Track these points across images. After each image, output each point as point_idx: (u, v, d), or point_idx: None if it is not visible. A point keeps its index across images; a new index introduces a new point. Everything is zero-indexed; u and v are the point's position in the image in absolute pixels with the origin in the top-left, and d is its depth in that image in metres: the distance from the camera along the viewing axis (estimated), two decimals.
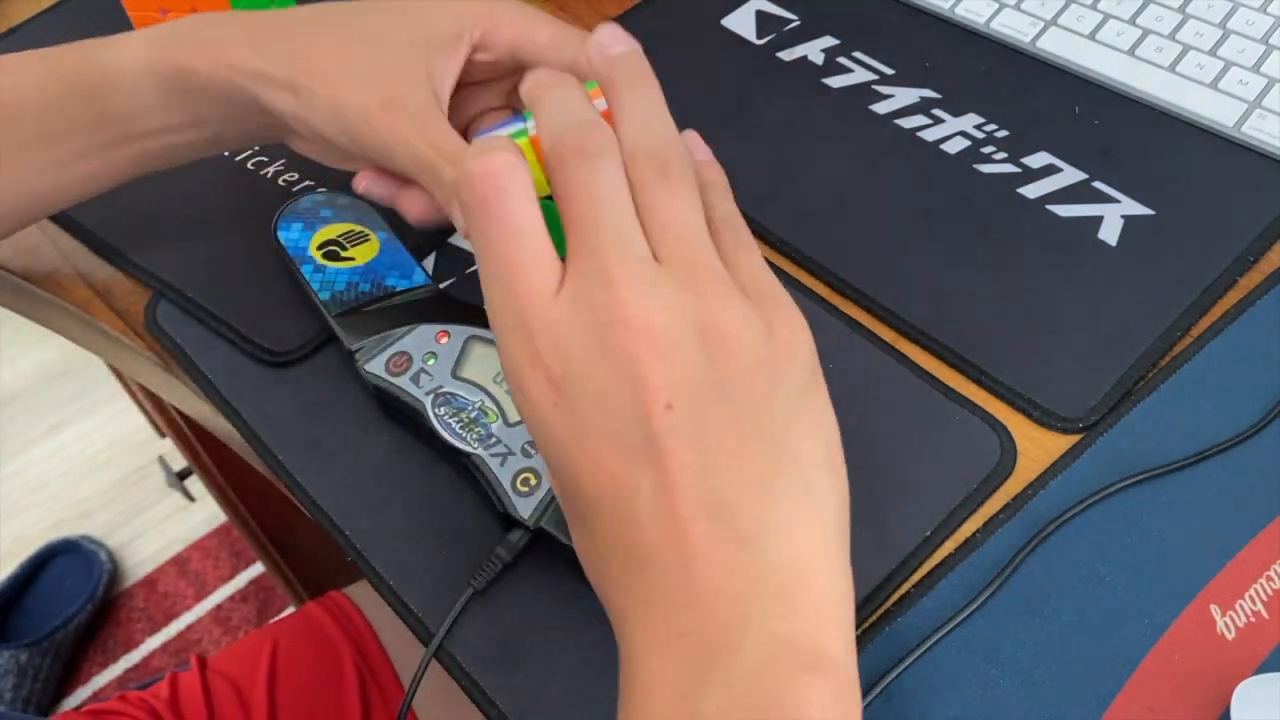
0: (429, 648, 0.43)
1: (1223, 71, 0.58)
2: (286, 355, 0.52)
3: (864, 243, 0.54)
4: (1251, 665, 0.41)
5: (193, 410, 0.57)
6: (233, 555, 1.44)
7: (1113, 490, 0.45)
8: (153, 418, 1.26)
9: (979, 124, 0.58)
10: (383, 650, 0.69)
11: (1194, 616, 0.42)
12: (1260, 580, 0.43)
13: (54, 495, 1.51)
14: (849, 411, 0.48)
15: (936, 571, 0.44)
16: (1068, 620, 0.42)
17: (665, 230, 0.32)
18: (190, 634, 1.38)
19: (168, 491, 1.48)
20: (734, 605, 0.29)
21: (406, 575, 0.46)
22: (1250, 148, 0.56)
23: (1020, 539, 0.44)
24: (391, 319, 0.50)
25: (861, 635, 0.43)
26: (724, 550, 0.29)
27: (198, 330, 0.54)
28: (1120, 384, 0.48)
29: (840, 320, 0.51)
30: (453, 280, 0.55)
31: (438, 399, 0.47)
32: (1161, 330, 0.50)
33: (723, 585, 0.29)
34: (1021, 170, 0.56)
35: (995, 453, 0.47)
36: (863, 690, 0.41)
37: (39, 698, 1.29)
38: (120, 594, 1.42)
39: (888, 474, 0.46)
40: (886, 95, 0.60)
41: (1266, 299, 0.50)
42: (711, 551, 0.29)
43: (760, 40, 0.64)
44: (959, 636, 0.42)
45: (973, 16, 0.63)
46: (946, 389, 0.49)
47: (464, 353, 0.48)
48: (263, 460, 0.50)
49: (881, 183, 0.56)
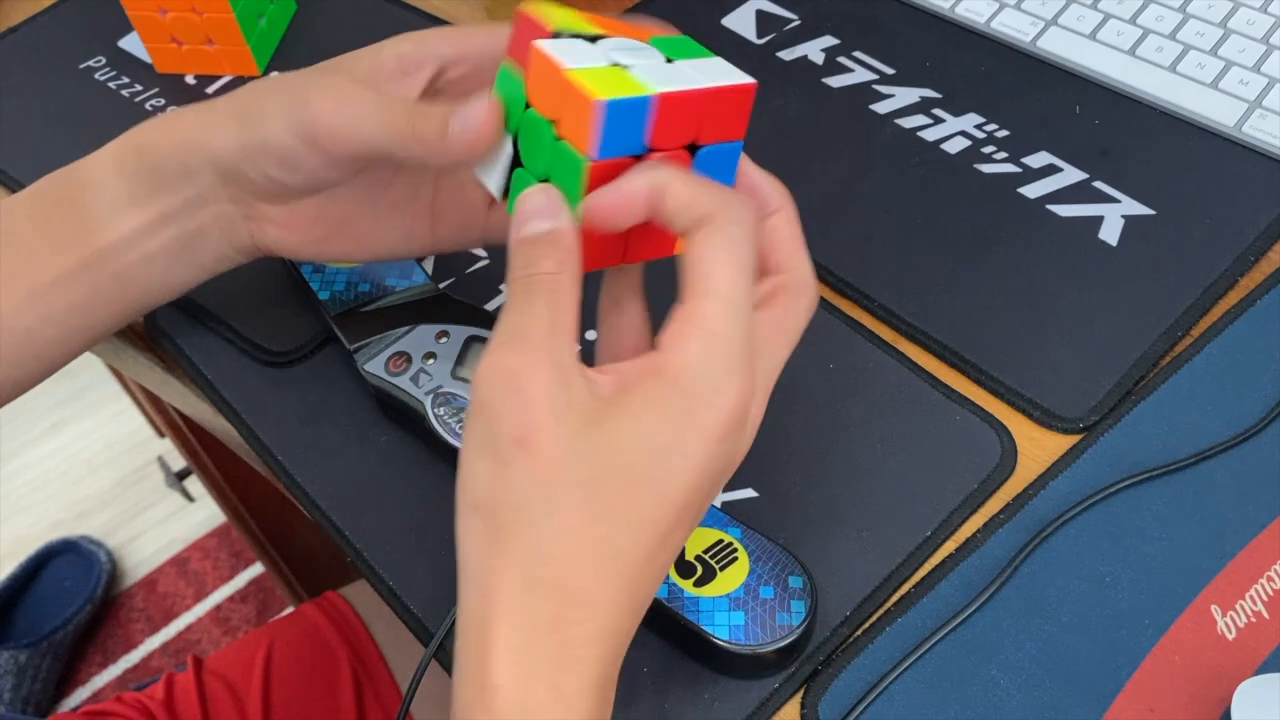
0: (429, 648, 0.43)
1: (1223, 71, 0.58)
2: (286, 355, 0.52)
3: (864, 243, 0.54)
4: (1252, 665, 0.41)
5: (192, 410, 0.57)
6: (232, 555, 1.44)
7: (1113, 490, 0.45)
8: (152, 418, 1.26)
9: (979, 124, 0.58)
10: (378, 650, 0.69)
11: (1194, 616, 0.42)
12: (1261, 580, 0.43)
13: (53, 495, 1.51)
14: (849, 411, 0.49)
15: (936, 571, 0.44)
16: (1068, 620, 0.42)
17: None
18: (190, 634, 1.38)
19: (167, 491, 1.48)
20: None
21: (406, 575, 0.46)
22: (1251, 148, 0.56)
23: (1020, 539, 0.44)
24: (391, 319, 0.50)
25: (861, 635, 0.43)
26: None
27: (198, 330, 0.54)
28: (1120, 384, 0.48)
29: (840, 320, 0.51)
30: (452, 280, 0.55)
31: (437, 399, 0.47)
32: (1161, 330, 0.50)
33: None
34: (1022, 170, 0.56)
35: (995, 453, 0.47)
36: (863, 690, 0.41)
37: (38, 698, 1.28)
38: (120, 594, 1.42)
39: (887, 474, 0.46)
40: (887, 95, 0.60)
41: (1267, 299, 0.50)
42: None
43: (760, 40, 0.64)
44: (959, 636, 0.42)
45: (973, 16, 0.63)
46: (946, 389, 0.49)
47: (464, 353, 0.48)
48: (262, 460, 0.50)
49: (881, 183, 0.56)
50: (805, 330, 0.36)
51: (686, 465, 0.32)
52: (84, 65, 0.67)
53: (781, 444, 0.47)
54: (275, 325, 0.53)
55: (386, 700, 0.67)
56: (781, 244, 0.36)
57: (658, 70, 0.34)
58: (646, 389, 0.32)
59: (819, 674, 0.42)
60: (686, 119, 0.34)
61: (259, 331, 0.53)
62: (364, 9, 0.68)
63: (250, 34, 0.64)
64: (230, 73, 0.65)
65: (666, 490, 0.32)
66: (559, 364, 0.32)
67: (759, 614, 0.41)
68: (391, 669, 0.68)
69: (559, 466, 0.31)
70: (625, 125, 0.33)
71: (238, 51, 0.64)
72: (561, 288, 0.33)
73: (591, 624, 0.32)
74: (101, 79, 0.66)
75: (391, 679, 0.68)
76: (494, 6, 0.68)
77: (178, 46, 0.64)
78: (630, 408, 0.32)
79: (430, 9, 0.68)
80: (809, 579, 0.42)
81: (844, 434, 0.48)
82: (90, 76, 0.66)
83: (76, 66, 0.67)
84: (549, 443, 0.31)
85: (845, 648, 0.42)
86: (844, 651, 0.42)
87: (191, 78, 0.66)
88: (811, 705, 0.41)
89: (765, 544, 0.42)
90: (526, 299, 0.33)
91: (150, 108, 0.64)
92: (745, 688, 0.42)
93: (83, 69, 0.67)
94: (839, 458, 0.47)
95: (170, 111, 0.45)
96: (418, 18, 0.67)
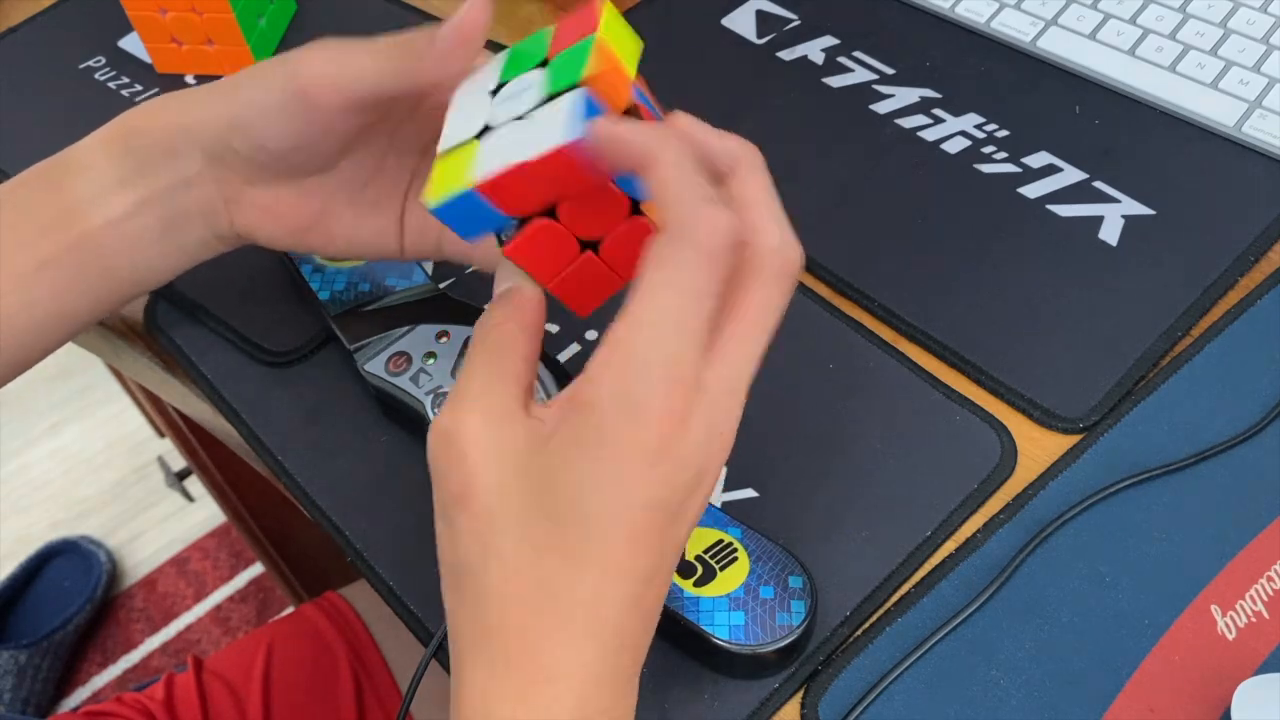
0: (429, 648, 0.43)
1: (1223, 71, 0.58)
2: (286, 355, 0.52)
3: (864, 243, 0.54)
4: (1252, 665, 0.41)
5: (192, 410, 0.57)
6: (232, 555, 1.44)
7: (1113, 490, 0.45)
8: (152, 418, 1.26)
9: (979, 123, 0.58)
10: (378, 650, 0.69)
11: (1194, 617, 0.42)
12: (1261, 580, 0.43)
13: (53, 495, 1.51)
14: (849, 411, 0.49)
15: (936, 571, 0.44)
16: (1068, 620, 0.42)
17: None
18: (189, 634, 1.38)
19: (167, 492, 1.48)
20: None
21: (406, 575, 0.46)
22: (1251, 148, 0.56)
23: (1020, 539, 0.44)
24: (391, 319, 0.50)
25: (862, 635, 0.43)
26: None
27: (198, 330, 0.54)
28: (1120, 384, 0.48)
29: (840, 320, 0.51)
30: (452, 280, 0.55)
31: (438, 399, 0.47)
32: (1161, 330, 0.50)
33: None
34: (1022, 170, 0.56)
35: (995, 453, 0.47)
36: (863, 690, 0.41)
37: (38, 698, 1.28)
38: (119, 594, 1.42)
39: (888, 473, 0.46)
40: (887, 95, 0.60)
41: (1267, 299, 0.50)
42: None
43: (760, 40, 0.64)
44: (959, 636, 0.42)
45: (973, 16, 0.63)
46: (946, 389, 0.49)
47: (464, 353, 0.48)
48: (262, 460, 0.50)
49: (881, 183, 0.56)
50: (805, 330, 0.35)
51: (612, 501, 0.31)
52: (84, 65, 0.67)
53: (781, 444, 0.47)
54: (275, 325, 0.53)
55: (386, 700, 0.67)
56: (741, 209, 0.33)
57: (506, 135, 0.34)
58: (568, 424, 0.32)
59: (819, 674, 0.42)
60: (528, 189, 0.34)
61: (259, 331, 0.53)
62: (364, 9, 0.68)
63: (250, 34, 0.64)
64: (230, 73, 0.65)
65: (597, 527, 0.32)
66: (491, 414, 0.33)
67: (759, 614, 0.41)
68: (391, 669, 0.68)
69: (494, 515, 0.32)
70: (466, 214, 0.34)
71: (238, 51, 0.64)
72: (506, 334, 0.34)
73: (542, 661, 0.32)
74: (101, 79, 0.66)
75: (391, 679, 0.68)
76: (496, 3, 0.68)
77: (178, 46, 0.64)
78: (555, 447, 0.32)
79: (430, 9, 0.68)
80: (809, 579, 0.42)
81: (844, 434, 0.48)
82: (90, 76, 0.66)
83: (76, 66, 0.67)
84: (483, 493, 0.32)
85: (845, 648, 0.42)
86: (844, 651, 0.42)
87: (191, 78, 0.66)
88: (811, 705, 0.41)
89: (765, 544, 0.42)
90: (471, 356, 0.35)
91: None
92: (745, 688, 0.42)
93: (83, 69, 0.67)
94: (839, 458, 0.47)
95: (161, 96, 0.45)
96: (418, 18, 0.67)
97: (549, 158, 0.32)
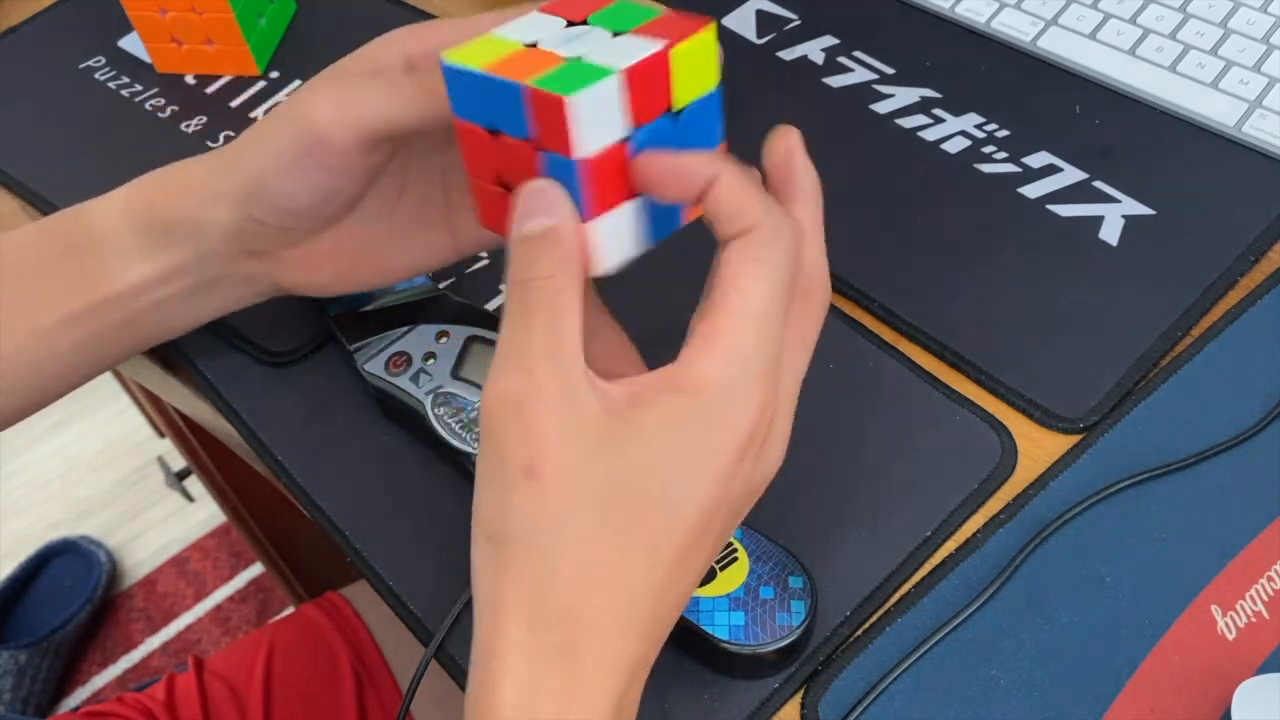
0: (429, 648, 0.43)
1: (1223, 71, 0.58)
2: (286, 355, 0.52)
3: (864, 243, 0.54)
4: (1252, 665, 0.41)
5: (192, 410, 0.57)
6: (232, 555, 1.44)
7: (1113, 490, 0.45)
8: (152, 418, 1.26)
9: (979, 123, 0.58)
10: (379, 651, 0.69)
11: (1195, 617, 0.42)
12: (1261, 580, 0.43)
13: (53, 495, 1.51)
14: (849, 411, 0.49)
15: (936, 571, 0.44)
16: (1068, 620, 0.42)
17: None
18: (189, 634, 1.38)
19: (167, 492, 1.48)
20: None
21: (406, 575, 0.46)
22: (1251, 148, 0.56)
23: (1020, 539, 0.44)
24: (391, 319, 0.50)
25: (862, 635, 0.43)
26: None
27: (198, 330, 0.54)
28: (1120, 384, 0.48)
29: (840, 320, 0.51)
30: (452, 280, 0.55)
31: (437, 399, 0.47)
32: (1162, 330, 0.50)
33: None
34: (1022, 170, 0.56)
35: (995, 453, 0.47)
36: (863, 690, 0.41)
37: (38, 698, 1.28)
38: (119, 594, 1.42)
39: (888, 474, 0.46)
40: (887, 95, 0.60)
41: (1267, 299, 0.50)
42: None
43: (760, 40, 0.64)
44: (959, 636, 0.42)
45: (973, 16, 0.63)
46: (946, 389, 0.49)
47: (464, 353, 0.48)
48: (263, 460, 0.50)
49: (881, 183, 0.56)
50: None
51: (702, 488, 0.31)
52: (84, 65, 0.67)
53: None
54: (275, 325, 0.53)
55: (387, 700, 0.67)
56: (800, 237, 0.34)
57: (609, 47, 0.33)
58: (663, 405, 0.31)
59: (819, 674, 0.42)
60: (657, 86, 0.33)
61: (259, 331, 0.53)
62: (364, 9, 0.68)
63: (250, 34, 0.64)
64: (230, 73, 0.65)
65: (681, 514, 0.31)
66: (564, 381, 0.31)
67: (759, 614, 0.41)
68: (391, 669, 0.68)
69: (568, 494, 0.31)
70: (600, 114, 0.32)
71: (238, 51, 0.64)
72: (561, 292, 0.32)
73: (603, 654, 0.31)
74: (101, 79, 0.66)
75: (391, 679, 0.68)
76: (493, 5, 0.68)
77: (178, 46, 0.64)
78: (644, 425, 0.31)
79: (430, 9, 0.68)
80: (809, 579, 0.42)
81: (844, 434, 0.48)
82: (90, 76, 0.66)
83: (76, 66, 0.67)
84: (558, 469, 0.30)
85: (845, 648, 0.42)
86: (844, 651, 0.42)
87: (191, 77, 0.66)
88: (811, 705, 0.41)
89: (765, 544, 0.42)
90: (524, 310, 0.32)
91: (150, 107, 0.64)
92: (745, 688, 0.42)
93: (83, 69, 0.67)
94: (839, 458, 0.47)
95: (179, 164, 0.44)
96: (418, 17, 0.67)
97: (690, 43, 0.33)
